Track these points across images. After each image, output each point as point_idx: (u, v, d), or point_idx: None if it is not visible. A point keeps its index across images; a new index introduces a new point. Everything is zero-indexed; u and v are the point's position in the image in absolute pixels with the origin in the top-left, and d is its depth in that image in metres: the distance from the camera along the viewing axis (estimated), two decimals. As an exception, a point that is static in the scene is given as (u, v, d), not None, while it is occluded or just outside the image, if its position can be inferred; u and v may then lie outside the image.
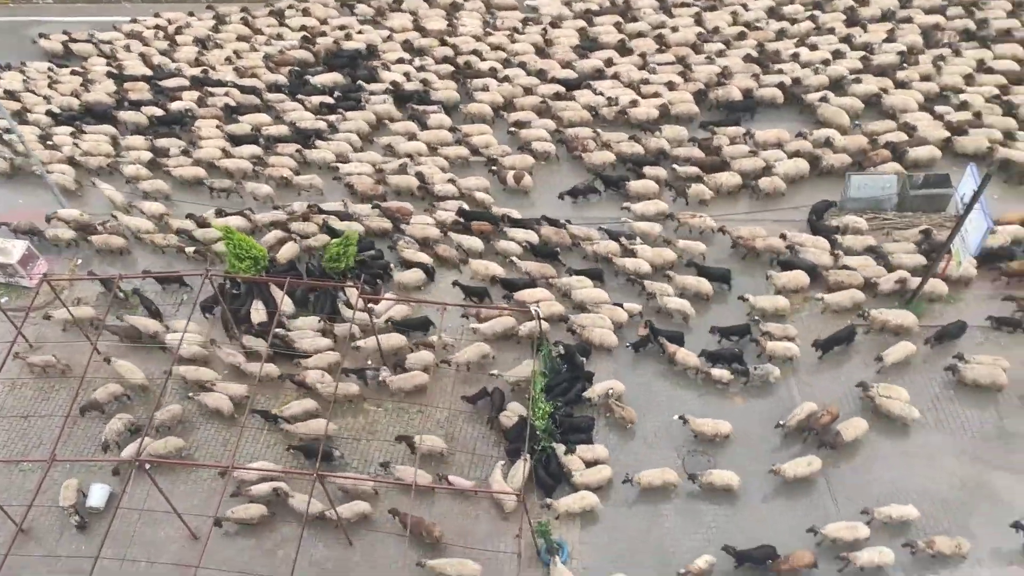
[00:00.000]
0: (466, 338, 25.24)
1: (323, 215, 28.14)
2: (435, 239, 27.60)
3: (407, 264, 26.88)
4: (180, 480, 22.68)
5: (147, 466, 20.78)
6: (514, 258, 26.60)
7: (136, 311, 26.12)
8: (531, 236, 27.17)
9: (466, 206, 28.41)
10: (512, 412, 23.17)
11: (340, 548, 21.14)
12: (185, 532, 21.36)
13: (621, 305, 25.26)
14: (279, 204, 29.08)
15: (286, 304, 25.25)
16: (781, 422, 22.43)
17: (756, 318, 24.83)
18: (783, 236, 26.68)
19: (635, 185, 28.69)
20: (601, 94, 31.88)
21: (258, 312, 25.47)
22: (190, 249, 27.56)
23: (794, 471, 21.49)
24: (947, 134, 29.15)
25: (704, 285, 25.68)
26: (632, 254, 26.48)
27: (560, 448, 22.12)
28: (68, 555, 21.26)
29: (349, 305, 25.43)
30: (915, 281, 25.14)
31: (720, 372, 23.78)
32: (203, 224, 28.18)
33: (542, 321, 23.81)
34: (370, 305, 24.62)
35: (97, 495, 22.07)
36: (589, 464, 22.11)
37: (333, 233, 27.27)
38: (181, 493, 22.13)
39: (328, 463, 22.40)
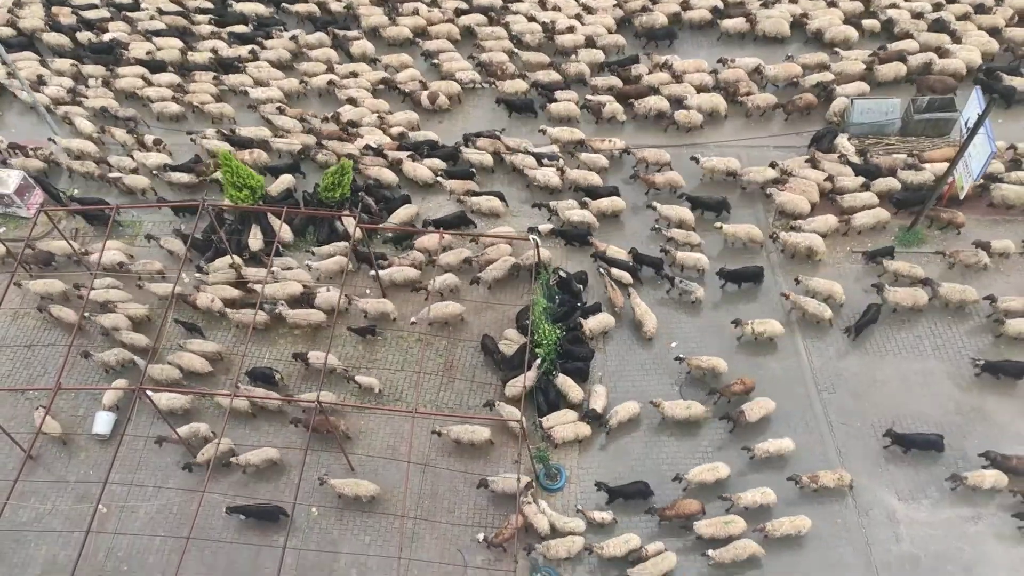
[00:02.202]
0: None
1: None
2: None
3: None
4: (200, 407, 23.02)
5: (148, 393, 21.07)
6: (438, 178, 26.83)
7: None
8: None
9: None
10: (512, 339, 23.32)
11: (343, 472, 21.52)
12: (190, 458, 21.73)
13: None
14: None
15: (285, 232, 25.16)
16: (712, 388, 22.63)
17: (659, 226, 25.29)
18: (773, 165, 26.44)
19: (556, 107, 28.59)
20: (534, 19, 31.41)
21: (256, 240, 25.41)
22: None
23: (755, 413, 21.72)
24: (862, 66, 28.73)
25: (688, 215, 25.80)
26: (561, 172, 26.88)
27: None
28: (77, 480, 21.71)
29: (347, 233, 25.34)
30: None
31: (620, 273, 24.23)
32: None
33: (540, 249, 23.80)
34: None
35: (102, 422, 22.37)
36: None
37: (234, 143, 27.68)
38: (185, 420, 22.44)
39: (272, 385, 22.87)
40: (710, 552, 19.35)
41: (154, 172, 27.71)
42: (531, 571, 19.84)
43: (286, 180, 26.81)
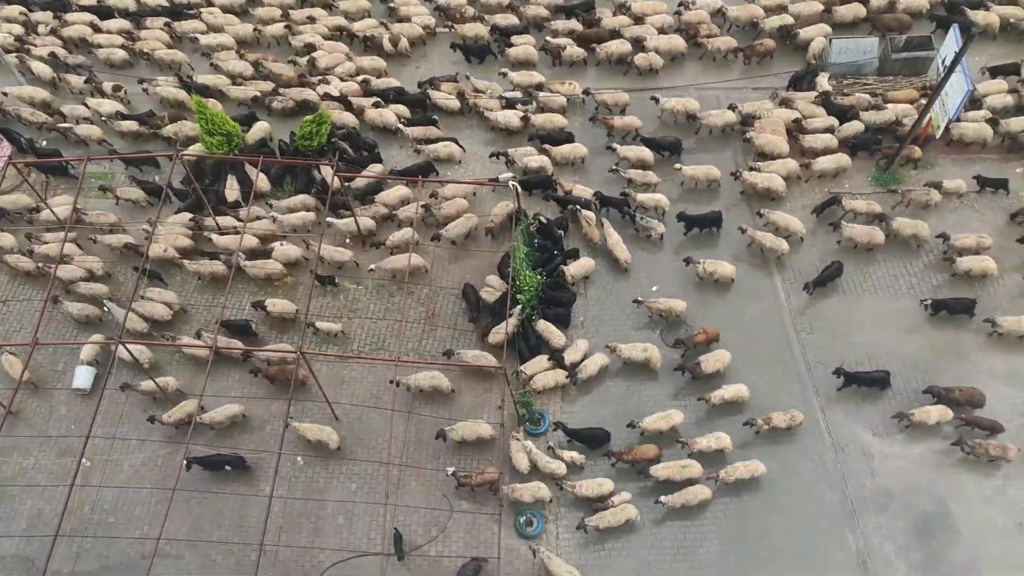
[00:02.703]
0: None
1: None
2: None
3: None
4: (164, 361, 22.86)
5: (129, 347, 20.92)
6: (399, 124, 26.53)
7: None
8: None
9: None
10: (494, 286, 23.33)
11: (325, 422, 21.57)
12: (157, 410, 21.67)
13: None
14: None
15: (262, 182, 24.79)
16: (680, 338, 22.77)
17: (618, 168, 25.42)
18: (733, 107, 26.39)
19: (515, 52, 28.31)
20: None
21: (233, 190, 25.03)
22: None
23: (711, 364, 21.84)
24: (821, 7, 28.55)
25: (647, 155, 25.91)
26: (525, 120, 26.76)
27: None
28: (59, 435, 21.63)
29: (325, 184, 25.01)
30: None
31: (587, 213, 24.41)
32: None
33: (520, 194, 23.69)
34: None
35: (82, 377, 22.21)
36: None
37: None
38: (176, 375, 22.30)
39: (249, 336, 22.79)
40: (662, 498, 19.69)
41: (103, 119, 27.06)
42: (516, 514, 20.15)
43: (262, 128, 26.30)
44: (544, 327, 22.41)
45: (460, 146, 26.41)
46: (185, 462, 19.84)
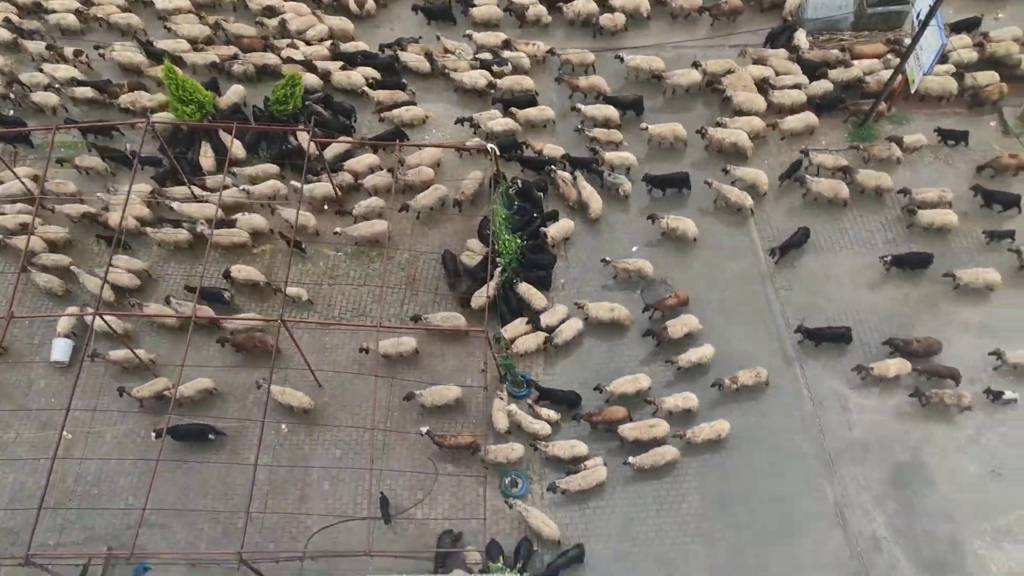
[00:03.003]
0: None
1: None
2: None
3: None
4: (144, 332, 22.68)
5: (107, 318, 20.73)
6: (365, 88, 26.29)
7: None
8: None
9: None
10: (474, 250, 23.29)
11: (308, 387, 21.60)
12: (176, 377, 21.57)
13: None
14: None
15: (236, 149, 24.45)
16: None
17: (583, 127, 25.41)
18: (696, 65, 26.39)
19: (478, 12, 28.02)
20: None
21: (207, 158, 24.68)
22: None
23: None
24: None
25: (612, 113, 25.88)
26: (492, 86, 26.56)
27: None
28: (39, 408, 21.46)
29: (301, 149, 24.70)
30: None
31: (563, 173, 24.46)
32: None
33: (497, 154, 23.58)
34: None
35: (60, 349, 22.00)
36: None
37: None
38: (146, 344, 22.21)
39: (221, 304, 22.60)
40: (630, 460, 19.93)
41: (58, 86, 26.44)
42: (501, 475, 20.35)
43: (237, 92, 25.86)
44: (525, 289, 22.46)
45: (422, 109, 26.11)
46: (154, 432, 19.86)
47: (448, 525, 19.69)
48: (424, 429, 20.33)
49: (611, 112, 25.69)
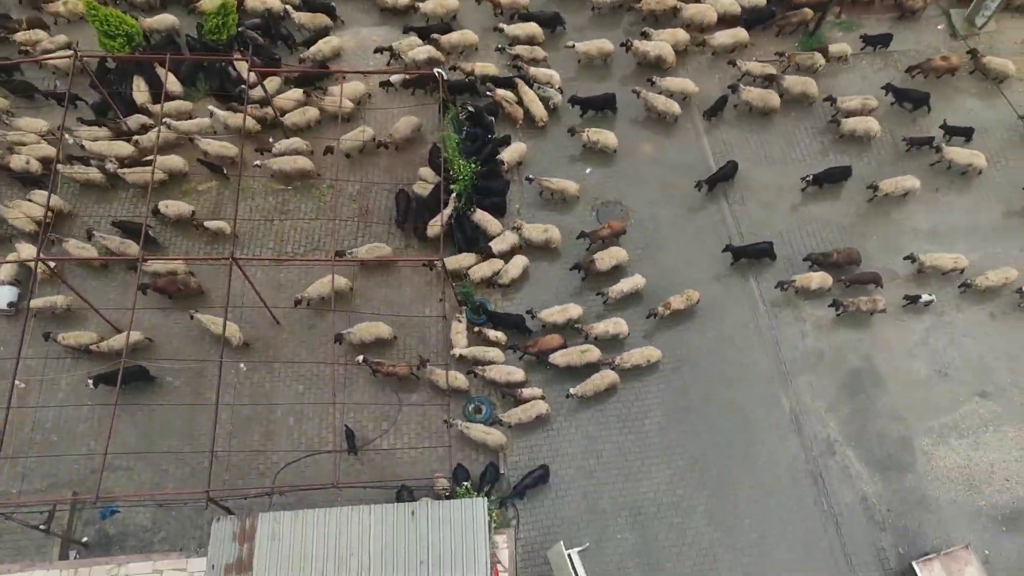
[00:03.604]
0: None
1: None
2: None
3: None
4: (90, 277, 22.10)
5: (52, 264, 20.16)
6: (288, 8, 25.58)
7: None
8: None
9: None
10: (427, 179, 22.93)
11: (266, 327, 21.39)
12: (107, 327, 21.17)
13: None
14: None
15: (172, 83, 23.53)
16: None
17: (502, 45, 25.09)
18: None
19: None
20: None
21: (141, 92, 23.73)
22: None
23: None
24: None
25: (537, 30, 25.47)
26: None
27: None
28: (-12, 360, 20.99)
29: (240, 79, 23.87)
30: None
31: (503, 92, 24.22)
32: None
33: (444, 78, 23.03)
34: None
35: (4, 296, 21.34)
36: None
37: None
38: (93, 289, 21.64)
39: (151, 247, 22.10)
40: (571, 391, 20.21)
41: None
42: (465, 402, 20.52)
43: (165, 21, 24.72)
44: (481, 216, 22.25)
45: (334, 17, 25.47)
46: (90, 380, 19.69)
47: (414, 454, 19.89)
48: (360, 357, 20.34)
49: (534, 29, 25.14)
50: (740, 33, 25.13)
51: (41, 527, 18.08)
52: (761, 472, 19.95)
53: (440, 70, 23.11)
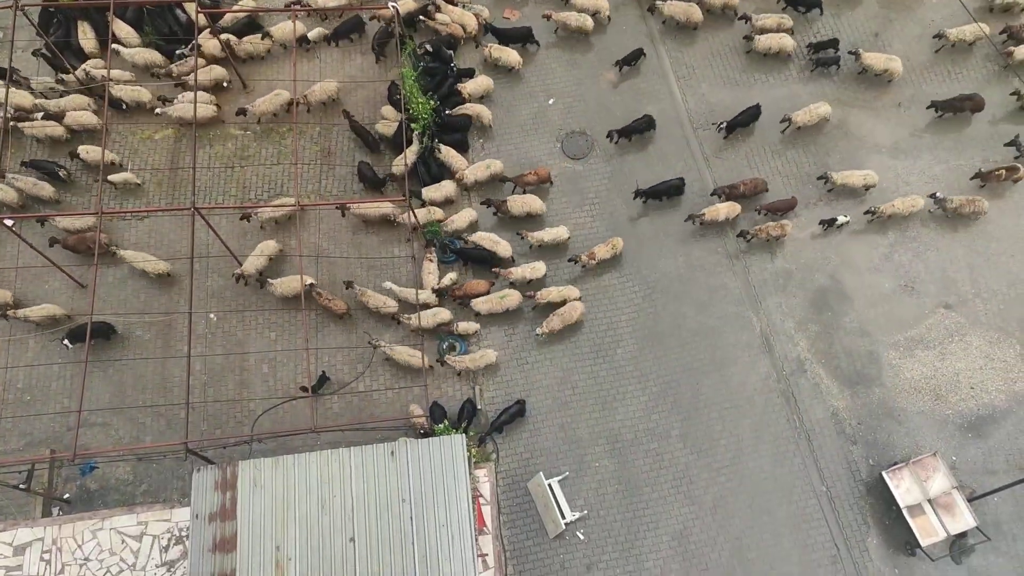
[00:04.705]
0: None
1: None
2: None
3: None
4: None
5: (10, 223, 19.74)
6: None
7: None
8: None
9: None
10: (390, 117, 22.52)
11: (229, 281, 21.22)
12: (72, 283, 20.89)
13: None
14: None
15: (120, 28, 22.73)
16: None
17: None
18: None
19: None
20: None
21: (89, 39, 22.91)
22: None
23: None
24: None
25: None
26: None
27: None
28: (-48, 323, 20.69)
29: (191, 23, 23.08)
30: None
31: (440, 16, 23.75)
32: None
33: (399, 12, 22.46)
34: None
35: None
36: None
37: None
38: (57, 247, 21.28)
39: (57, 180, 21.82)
40: (538, 330, 20.29)
41: None
42: (439, 340, 20.58)
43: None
44: (446, 152, 21.96)
45: None
46: (67, 341, 19.65)
47: (390, 395, 20.01)
48: (309, 281, 20.30)
49: None
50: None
51: (21, 486, 18.10)
52: (734, 394, 20.31)
53: (393, 3, 22.50)
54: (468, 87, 22.80)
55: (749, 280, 21.47)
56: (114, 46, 22.49)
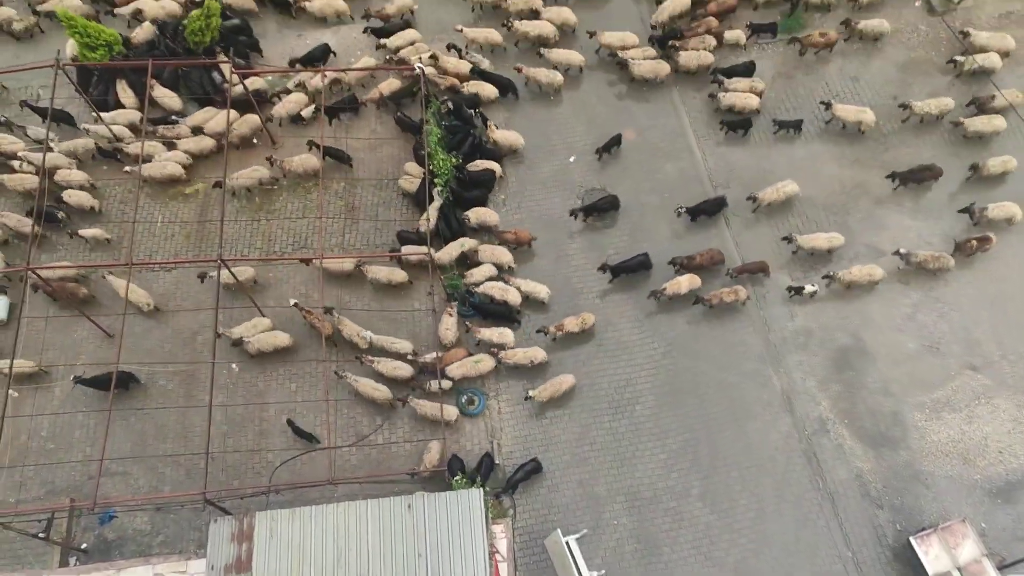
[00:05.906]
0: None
1: None
2: None
3: None
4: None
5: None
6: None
7: None
8: None
9: None
10: (413, 173, 22.97)
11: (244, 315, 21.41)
12: (99, 332, 21.22)
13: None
14: None
15: (158, 91, 23.51)
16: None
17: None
18: None
19: None
20: None
21: (128, 95, 23.70)
22: None
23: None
24: None
25: None
26: None
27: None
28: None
29: (224, 78, 23.83)
30: None
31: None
32: None
33: (425, 73, 23.06)
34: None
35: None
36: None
37: None
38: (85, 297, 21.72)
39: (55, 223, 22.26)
40: (530, 393, 20.21)
41: None
42: (458, 394, 20.59)
43: (148, 29, 24.64)
44: (477, 214, 22.24)
45: None
46: (73, 378, 19.88)
47: (408, 447, 19.97)
48: (292, 301, 20.87)
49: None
50: (628, 37, 25.16)
51: (40, 535, 18.13)
52: (755, 453, 20.05)
53: (420, 65, 23.12)
54: (496, 134, 23.30)
55: (769, 338, 21.38)
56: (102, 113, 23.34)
